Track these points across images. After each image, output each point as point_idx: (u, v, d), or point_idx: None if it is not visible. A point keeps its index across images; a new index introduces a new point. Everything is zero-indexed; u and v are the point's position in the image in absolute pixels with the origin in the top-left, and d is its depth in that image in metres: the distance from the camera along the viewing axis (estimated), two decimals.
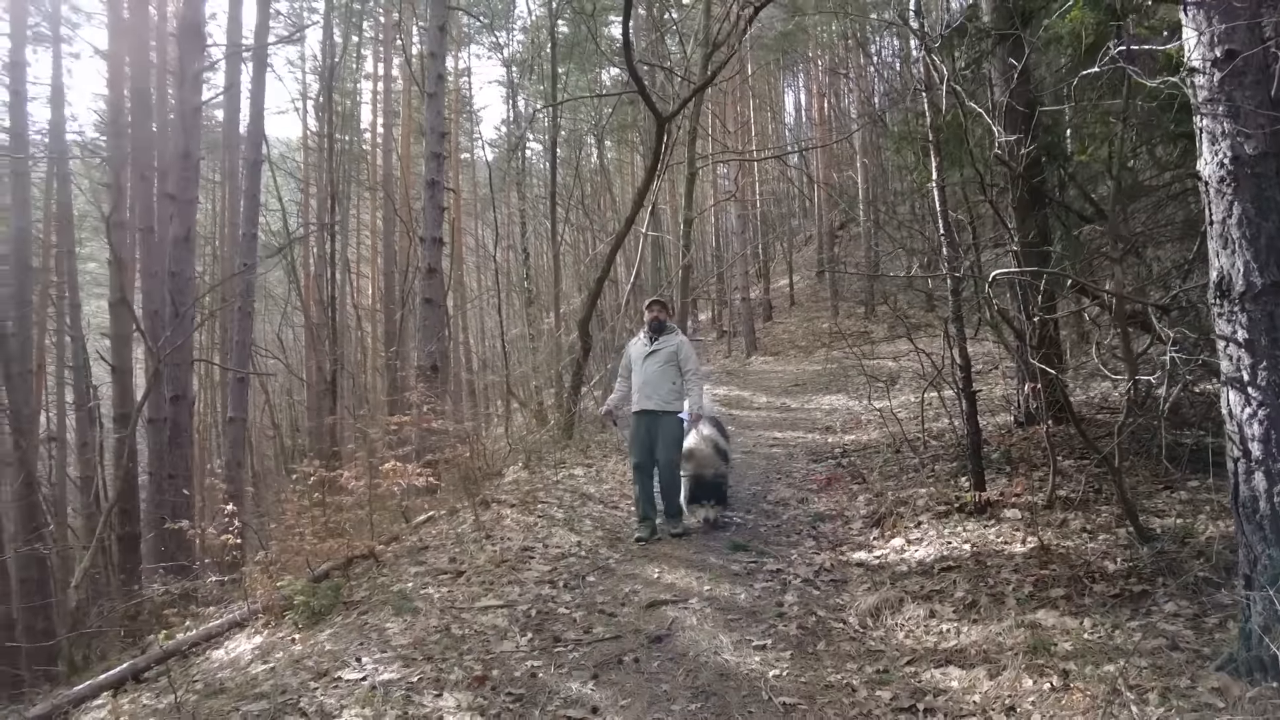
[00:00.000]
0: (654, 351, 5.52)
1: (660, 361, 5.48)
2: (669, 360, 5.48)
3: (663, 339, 5.57)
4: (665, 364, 5.47)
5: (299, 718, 2.93)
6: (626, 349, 5.90)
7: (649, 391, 5.44)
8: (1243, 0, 2.52)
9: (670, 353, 5.50)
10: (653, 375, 5.46)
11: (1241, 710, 2.37)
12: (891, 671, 3.24)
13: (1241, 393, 2.51)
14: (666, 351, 5.50)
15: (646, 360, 5.51)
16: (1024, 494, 4.79)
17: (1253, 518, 2.50)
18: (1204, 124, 2.60)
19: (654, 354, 5.51)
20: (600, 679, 3.31)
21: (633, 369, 5.63)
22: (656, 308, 5.83)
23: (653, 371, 5.46)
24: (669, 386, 5.45)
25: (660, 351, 5.51)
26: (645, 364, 5.51)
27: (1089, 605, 3.34)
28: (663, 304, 6.01)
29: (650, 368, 5.48)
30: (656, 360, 5.48)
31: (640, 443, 5.45)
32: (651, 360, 5.50)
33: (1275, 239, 2.46)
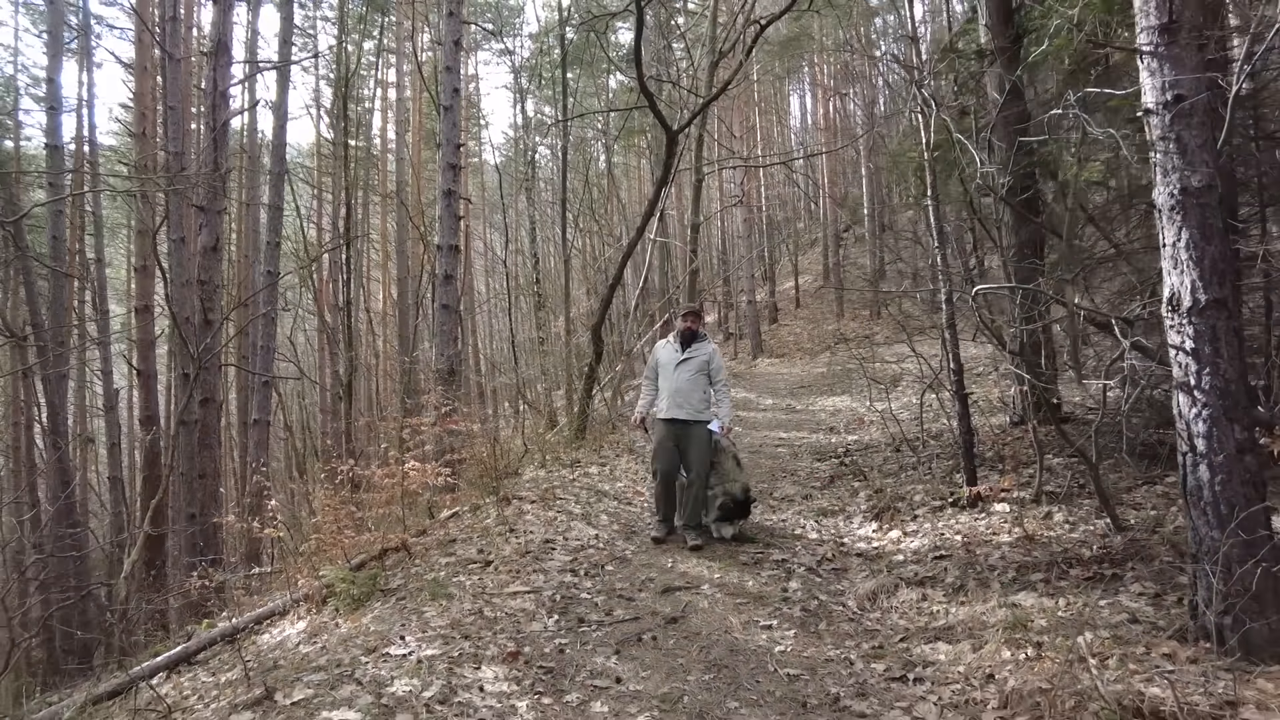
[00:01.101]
0: (686, 360, 5.48)
1: (692, 370, 5.45)
2: (700, 370, 5.46)
3: (695, 347, 5.55)
4: (697, 373, 5.45)
5: (356, 686, 3.30)
6: (654, 353, 5.85)
7: (680, 400, 5.41)
8: (1190, 51, 2.87)
9: (702, 362, 5.48)
10: (684, 384, 5.43)
11: (1189, 672, 2.72)
12: (885, 647, 3.59)
13: (1189, 395, 2.86)
14: (699, 360, 5.48)
15: (678, 369, 5.47)
16: (1013, 489, 5.13)
17: (1198, 504, 2.84)
18: (1157, 158, 2.95)
19: (686, 362, 5.48)
20: (622, 654, 3.67)
21: (660, 375, 5.61)
22: (691, 318, 5.75)
23: (684, 380, 5.43)
24: (700, 396, 5.44)
25: (692, 360, 5.48)
26: (677, 372, 5.47)
27: (1065, 587, 3.69)
28: (696, 313, 5.89)
29: (682, 376, 5.45)
30: (688, 369, 5.45)
31: (667, 451, 5.43)
32: (684, 369, 5.46)
33: (1217, 261, 2.81)
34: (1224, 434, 2.77)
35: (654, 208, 9.75)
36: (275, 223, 11.06)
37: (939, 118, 4.70)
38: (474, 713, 3.08)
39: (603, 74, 25.53)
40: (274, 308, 11.42)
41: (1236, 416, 2.77)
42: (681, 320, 5.79)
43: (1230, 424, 2.77)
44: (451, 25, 11.53)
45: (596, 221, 21.65)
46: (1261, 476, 2.81)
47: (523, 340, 20.21)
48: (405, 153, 21.61)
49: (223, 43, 9.58)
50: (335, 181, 18.65)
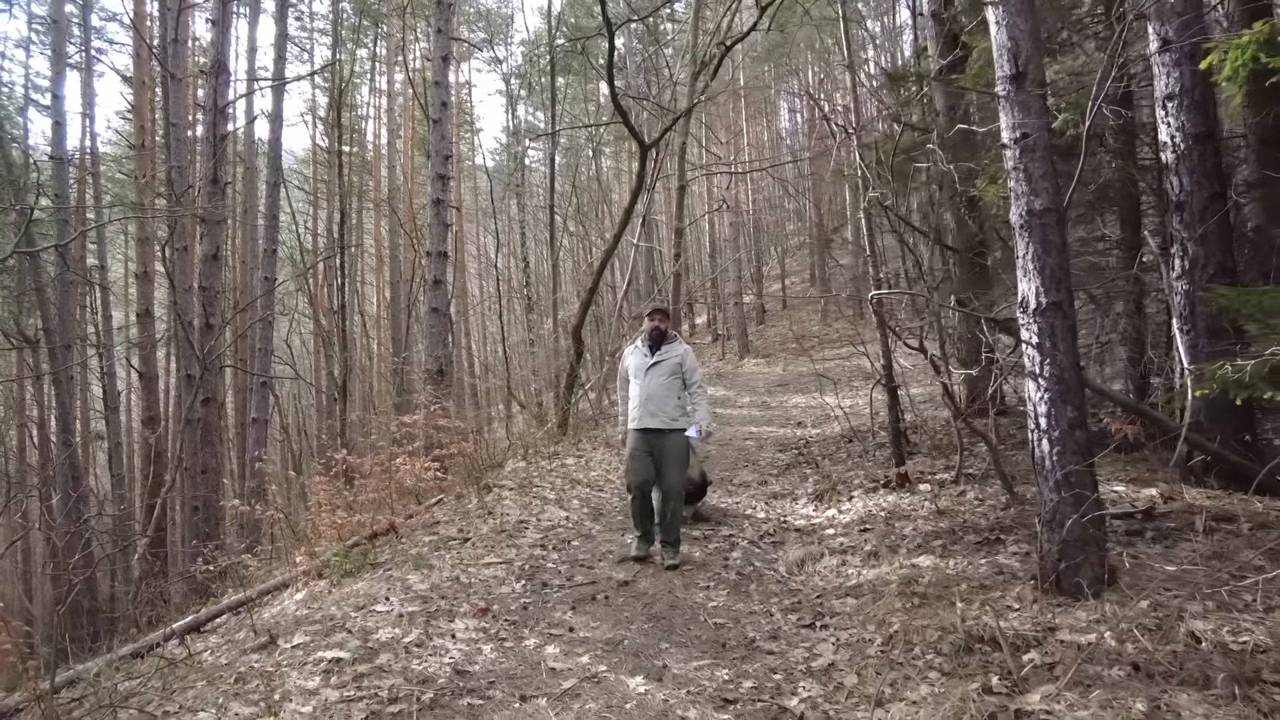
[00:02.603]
0: (656, 363, 5.02)
1: (664, 374, 4.98)
2: (673, 373, 4.99)
3: (665, 349, 5.06)
4: (669, 376, 4.98)
5: (346, 633, 3.87)
6: (622, 360, 5.38)
7: (653, 408, 4.93)
8: (1034, 97, 3.47)
9: (674, 364, 5.01)
10: (657, 390, 4.96)
11: (1029, 609, 3.31)
12: (803, 602, 4.18)
13: (1035, 382, 3.45)
14: (670, 363, 5.01)
15: (649, 373, 5.00)
16: (938, 472, 5.73)
17: (1042, 471, 3.43)
18: (1011, 185, 3.54)
19: (656, 366, 5.01)
20: (577, 610, 4.25)
21: (632, 381, 5.11)
22: (658, 316, 5.22)
23: (657, 385, 4.97)
24: (674, 402, 4.96)
25: (664, 363, 5.01)
26: (648, 377, 5.00)
27: (958, 551, 4.29)
28: (664, 311, 5.32)
29: (654, 381, 4.98)
30: (660, 373, 4.99)
31: (641, 463, 4.95)
32: (655, 373, 5.00)
33: (1055, 271, 3.40)
34: (1060, 413, 3.36)
35: (629, 216, 10.33)
36: (272, 231, 11.63)
37: (861, 145, 5.27)
38: (446, 653, 3.66)
39: (592, 80, 26.15)
40: (271, 312, 11.97)
41: (1070, 399, 3.36)
42: (648, 320, 5.27)
43: (1065, 405, 3.36)
44: (440, 41, 12.11)
45: (584, 226, 22.25)
46: (1089, 449, 3.40)
47: (514, 342, 20.80)
48: (398, 160, 22.16)
49: (221, 61, 10.16)
50: (330, 188, 19.23)
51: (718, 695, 3.19)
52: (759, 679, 3.32)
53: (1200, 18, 4.74)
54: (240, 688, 3.35)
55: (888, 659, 3.28)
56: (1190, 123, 4.68)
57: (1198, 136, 4.67)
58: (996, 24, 3.62)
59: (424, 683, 3.32)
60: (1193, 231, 4.64)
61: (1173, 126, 4.75)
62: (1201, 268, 4.62)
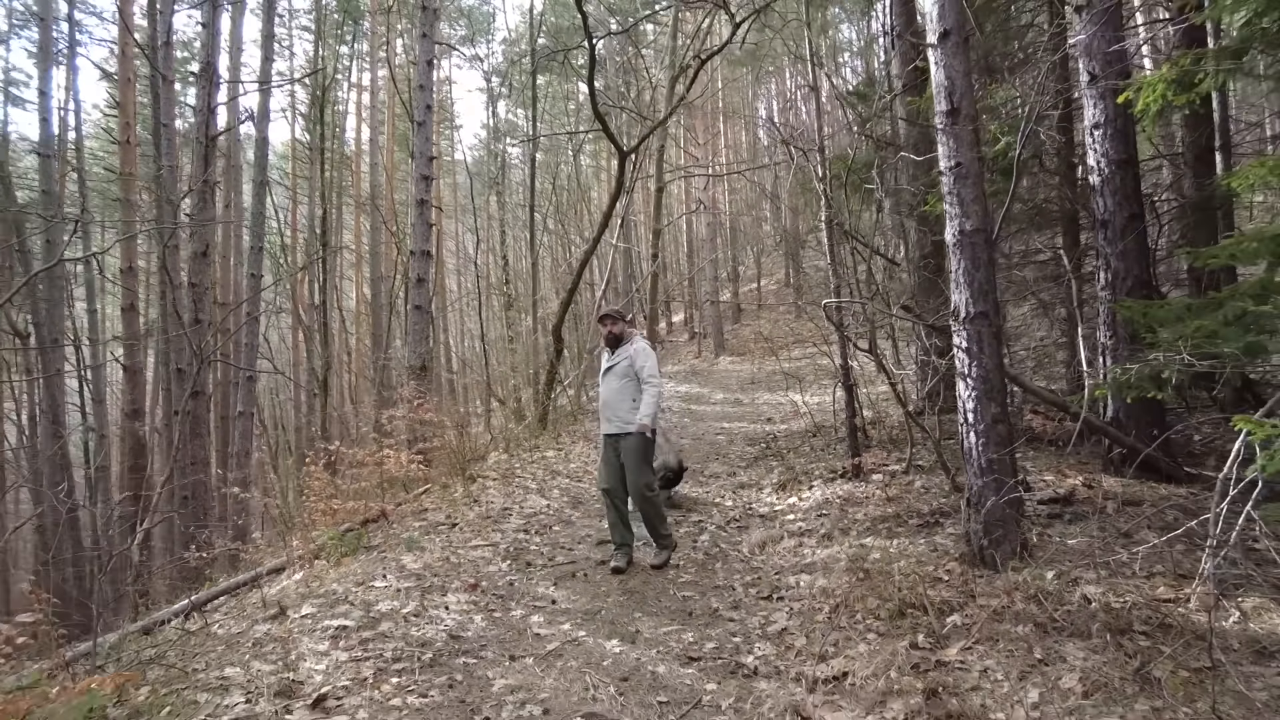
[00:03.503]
0: (610, 368, 5.00)
1: (618, 376, 4.94)
2: (625, 375, 4.92)
3: (618, 352, 5.02)
4: (623, 378, 4.92)
5: (349, 605, 4.26)
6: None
7: (609, 413, 4.95)
8: (967, 130, 3.94)
9: (625, 366, 4.93)
10: (611, 394, 4.94)
11: (955, 580, 3.79)
12: (763, 578, 4.64)
13: (965, 381, 3.93)
14: (621, 366, 4.95)
15: (605, 378, 5.03)
16: (890, 464, 6.23)
17: (969, 460, 3.92)
18: (946, 207, 4.02)
19: (610, 370, 4.99)
20: (559, 585, 4.68)
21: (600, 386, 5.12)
22: (608, 321, 5.11)
23: (610, 391, 4.96)
24: (628, 405, 4.87)
25: (616, 367, 4.97)
26: (605, 381, 5.03)
27: (901, 532, 4.77)
28: (614, 316, 5.12)
29: (607, 386, 4.99)
30: (614, 376, 4.96)
31: (609, 466, 4.95)
32: (609, 378, 4.99)
33: (983, 284, 3.88)
34: (984, 409, 3.85)
35: (608, 219, 10.74)
36: (258, 229, 11.89)
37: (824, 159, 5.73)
38: (441, 622, 4.07)
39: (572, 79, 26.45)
40: (257, 308, 12.23)
41: (993, 396, 3.85)
42: (601, 325, 5.20)
43: (989, 402, 3.85)
44: (425, 47, 12.42)
45: (564, 225, 22.60)
46: (1010, 440, 3.89)
47: (493, 338, 21.13)
48: (380, 158, 22.34)
49: (210, 64, 10.41)
50: (311, 184, 19.37)
51: (683, 654, 3.64)
52: (720, 641, 3.77)
53: (1122, 56, 5.26)
54: (258, 650, 3.74)
55: (833, 624, 3.74)
56: (1113, 150, 5.19)
57: (1120, 162, 5.19)
58: (936, 64, 4.09)
59: (423, 645, 3.74)
60: (1114, 247, 5.16)
61: (1099, 152, 5.26)
62: (1122, 280, 5.14)
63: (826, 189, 5.65)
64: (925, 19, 4.24)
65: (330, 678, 3.38)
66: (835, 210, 5.51)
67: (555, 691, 3.29)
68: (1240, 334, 3.61)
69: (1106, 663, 2.88)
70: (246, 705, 3.11)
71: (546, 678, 3.43)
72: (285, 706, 3.10)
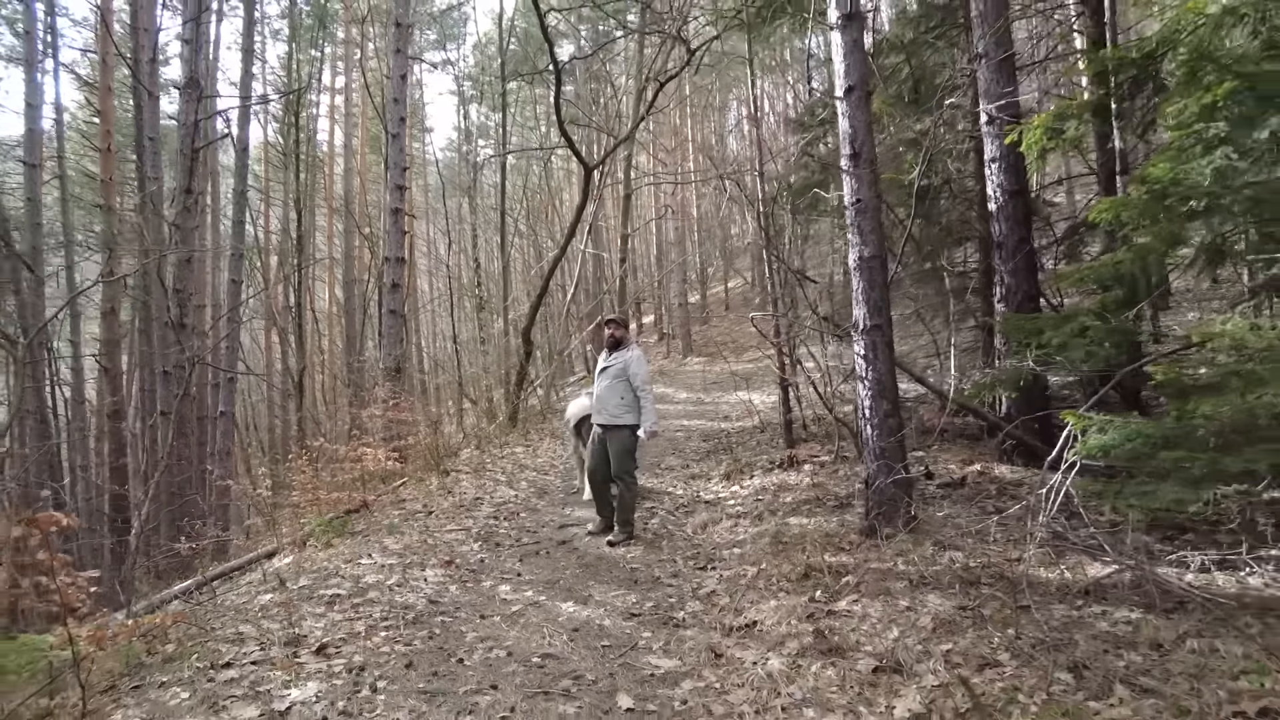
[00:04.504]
0: (606, 368, 5.75)
1: (610, 377, 5.67)
2: (618, 376, 5.63)
3: (616, 355, 5.75)
4: (615, 379, 5.64)
5: (340, 578, 4.91)
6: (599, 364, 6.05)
7: (599, 406, 5.73)
8: (866, 171, 4.70)
9: (619, 369, 5.63)
10: (603, 390, 5.69)
11: (853, 549, 4.55)
12: (701, 553, 5.37)
13: (863, 382, 4.69)
14: (616, 368, 5.65)
15: (600, 375, 5.78)
16: (821, 455, 6.99)
17: (867, 450, 4.68)
18: (849, 237, 4.77)
19: (605, 370, 5.74)
20: (524, 562, 5.37)
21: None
22: (612, 325, 5.92)
23: (604, 387, 5.70)
24: (616, 400, 5.62)
25: (611, 368, 5.69)
26: (599, 379, 5.78)
27: (819, 512, 5.53)
28: (618, 322, 5.95)
29: (602, 383, 5.73)
30: (607, 376, 5.69)
31: (596, 453, 5.81)
32: (604, 376, 5.73)
33: (878, 302, 4.64)
34: (878, 405, 4.61)
35: (574, 229, 11.41)
36: (238, 235, 12.37)
37: (745, 196, 6.47)
38: (421, 591, 4.74)
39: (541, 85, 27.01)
40: (238, 311, 12.72)
41: (885, 395, 4.61)
42: (605, 328, 6.04)
43: (882, 400, 4.61)
44: (398, 61, 12.97)
45: (535, 229, 23.21)
46: (899, 431, 4.66)
47: (465, 340, 21.68)
48: (354, 162, 22.75)
49: (194, 78, 10.90)
50: (286, 189, 19.78)
51: (627, 611, 4.36)
52: (658, 601, 4.49)
53: (1015, 99, 6.07)
54: (265, 614, 4.38)
55: (752, 586, 4.48)
56: (1007, 181, 6.00)
57: (1012, 192, 5.99)
58: (842, 114, 4.85)
59: (406, 608, 4.41)
60: (1008, 265, 5.97)
61: (995, 183, 6.07)
62: (1014, 294, 5.94)
63: (759, 214, 6.39)
64: (835, 75, 4.98)
65: (329, 633, 4.04)
66: (770, 231, 6.24)
67: (518, 640, 3.99)
68: (1082, 344, 4.41)
69: (955, 607, 3.64)
70: (261, 652, 3.76)
71: (511, 630, 4.12)
72: (294, 653, 3.75)
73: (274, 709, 3.19)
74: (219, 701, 3.25)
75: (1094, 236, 6.60)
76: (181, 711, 3.18)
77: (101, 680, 3.46)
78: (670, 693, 3.40)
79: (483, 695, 3.38)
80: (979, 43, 6.17)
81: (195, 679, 3.47)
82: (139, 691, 3.39)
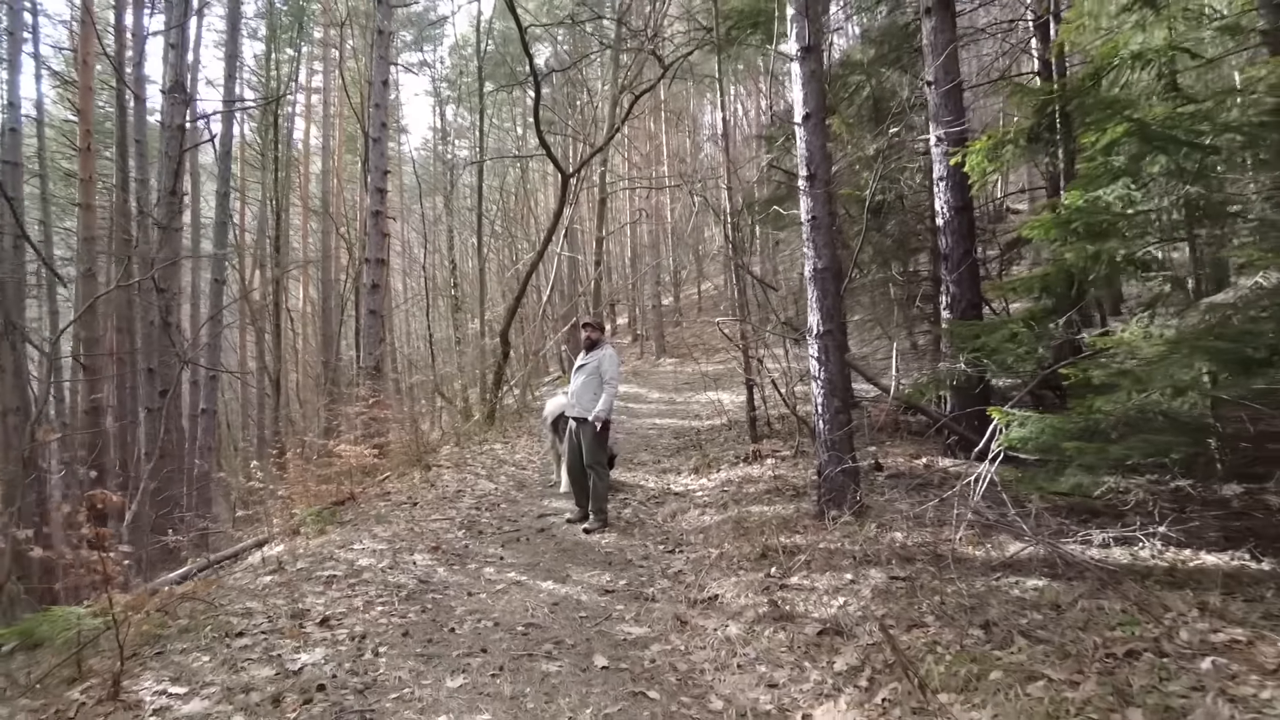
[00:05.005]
0: (582, 366, 6.28)
1: (586, 374, 6.18)
2: (593, 373, 6.15)
3: (592, 354, 6.27)
4: (590, 376, 6.15)
5: (334, 561, 5.29)
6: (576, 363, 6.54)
7: (575, 400, 6.26)
8: (821, 189, 5.19)
9: (594, 367, 6.16)
10: (579, 386, 6.22)
11: (807, 532, 5.04)
12: (670, 538, 5.83)
13: (817, 382, 5.18)
14: (591, 366, 6.18)
15: (576, 373, 6.30)
16: (783, 450, 7.49)
17: (820, 442, 5.17)
18: (805, 250, 5.26)
19: (582, 368, 6.26)
20: (505, 547, 5.79)
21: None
22: (589, 329, 6.45)
23: (579, 383, 6.22)
24: (590, 396, 6.14)
25: (587, 366, 6.21)
26: (575, 376, 6.31)
27: (778, 501, 6.02)
28: (594, 325, 6.50)
29: (578, 380, 6.24)
30: (583, 374, 6.21)
31: (571, 446, 6.32)
32: (580, 373, 6.25)
33: (830, 309, 5.14)
34: (830, 402, 5.10)
35: (551, 235, 11.82)
36: (221, 235, 12.60)
37: (712, 208, 6.94)
38: (411, 572, 5.14)
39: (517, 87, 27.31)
40: (220, 311, 12.94)
41: (836, 394, 5.11)
42: (582, 330, 6.56)
43: (833, 397, 5.10)
44: (380, 67, 13.28)
45: (511, 230, 23.54)
46: (848, 425, 5.16)
47: (440, 339, 21.95)
48: (331, 163, 22.90)
49: (179, 82, 11.12)
50: (264, 189, 19.89)
51: (602, 588, 4.80)
52: (631, 579, 4.94)
53: (961, 122, 6.60)
54: (268, 592, 4.75)
55: (716, 566, 4.94)
56: (953, 198, 6.53)
57: (958, 208, 6.53)
58: (800, 139, 5.34)
59: (399, 587, 4.81)
60: (953, 275, 6.50)
61: (943, 200, 6.60)
62: (957, 302, 6.47)
63: (726, 226, 6.87)
64: (794, 102, 5.47)
65: (330, 608, 4.43)
66: (736, 242, 6.73)
67: (504, 612, 4.41)
68: (1011, 349, 4.94)
69: (891, 579, 4.13)
70: (270, 624, 4.15)
71: (497, 604, 4.55)
72: (300, 624, 4.14)
73: (288, 668, 3.59)
74: (237, 663, 3.64)
75: (1031, 250, 7.17)
76: (205, 671, 3.56)
77: (126, 649, 3.82)
78: (640, 654, 3.85)
79: (473, 658, 3.81)
80: (929, 70, 6.70)
81: (213, 645, 3.86)
82: (161, 658, 3.77)
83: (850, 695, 3.23)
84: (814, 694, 3.33)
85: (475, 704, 3.35)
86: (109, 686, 3.33)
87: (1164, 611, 3.31)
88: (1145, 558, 3.95)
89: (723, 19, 8.40)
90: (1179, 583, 3.60)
